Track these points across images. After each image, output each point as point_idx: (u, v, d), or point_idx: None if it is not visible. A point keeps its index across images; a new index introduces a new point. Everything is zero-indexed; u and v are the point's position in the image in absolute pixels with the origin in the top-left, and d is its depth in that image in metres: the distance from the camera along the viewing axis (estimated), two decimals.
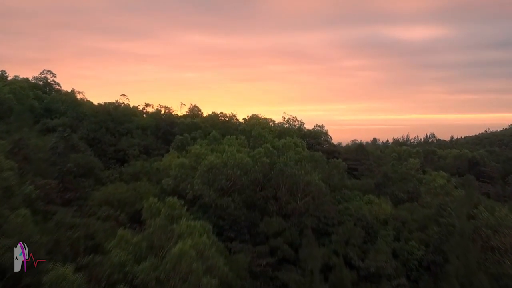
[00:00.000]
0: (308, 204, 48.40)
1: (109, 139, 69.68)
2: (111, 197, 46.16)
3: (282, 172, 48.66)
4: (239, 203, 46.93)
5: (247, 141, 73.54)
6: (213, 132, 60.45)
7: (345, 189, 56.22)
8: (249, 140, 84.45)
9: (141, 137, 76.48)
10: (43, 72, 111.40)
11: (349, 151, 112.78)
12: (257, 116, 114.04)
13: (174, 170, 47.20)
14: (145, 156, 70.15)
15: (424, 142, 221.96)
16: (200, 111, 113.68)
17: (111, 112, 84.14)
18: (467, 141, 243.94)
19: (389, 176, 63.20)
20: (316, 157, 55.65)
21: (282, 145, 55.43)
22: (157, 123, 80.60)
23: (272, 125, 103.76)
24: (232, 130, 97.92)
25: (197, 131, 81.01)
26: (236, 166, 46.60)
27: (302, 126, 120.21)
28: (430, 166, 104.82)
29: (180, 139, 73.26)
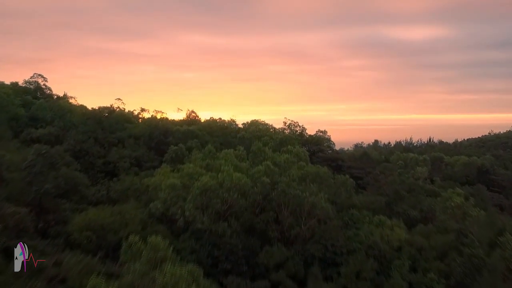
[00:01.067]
0: (313, 229, 43.12)
1: (98, 151, 64.33)
2: (93, 223, 40.89)
3: (284, 193, 43.38)
4: (236, 228, 41.67)
5: (246, 152, 68.53)
6: (208, 146, 55.10)
7: (353, 209, 50.84)
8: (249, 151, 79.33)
9: (133, 148, 71.13)
10: (33, 76, 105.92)
11: (353, 159, 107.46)
12: (256, 121, 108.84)
13: (164, 193, 41.87)
14: (136, 168, 64.83)
15: (427, 145, 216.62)
16: (198, 117, 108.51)
17: (102, 119, 78.80)
18: (471, 143, 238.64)
19: (400, 194, 57.77)
20: (321, 174, 50.27)
21: (284, 161, 50.01)
22: (151, 132, 75.21)
23: (272, 131, 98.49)
24: (231, 138, 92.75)
25: (193, 140, 75.63)
26: (233, 188, 41.30)
27: (303, 131, 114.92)
28: (438, 175, 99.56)
29: (174, 150, 67.94)
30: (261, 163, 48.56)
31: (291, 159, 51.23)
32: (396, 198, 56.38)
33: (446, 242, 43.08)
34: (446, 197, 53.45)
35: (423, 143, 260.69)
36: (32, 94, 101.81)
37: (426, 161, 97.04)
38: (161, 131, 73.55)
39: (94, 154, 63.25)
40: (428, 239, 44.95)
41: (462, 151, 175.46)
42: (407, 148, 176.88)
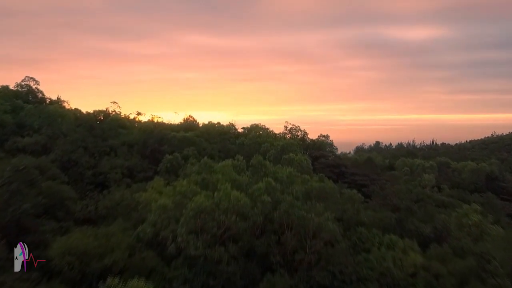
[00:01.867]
0: (319, 254, 38.81)
1: (87, 161, 59.98)
2: (75, 248, 36.54)
3: (287, 214, 39.07)
4: (234, 253, 37.37)
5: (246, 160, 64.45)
6: (204, 159, 50.71)
7: (361, 227, 46.48)
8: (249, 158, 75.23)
9: (126, 156, 66.87)
10: (25, 79, 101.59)
11: (356, 164, 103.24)
12: (257, 126, 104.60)
13: (154, 215, 37.55)
14: (128, 180, 60.55)
15: (430, 148, 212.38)
16: (196, 121, 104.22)
17: (95, 126, 74.49)
18: (473, 145, 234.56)
19: (412, 210, 53.47)
20: (326, 189, 45.97)
21: (287, 176, 45.66)
22: (145, 140, 70.88)
23: (272, 134, 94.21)
24: (230, 144, 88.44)
25: (190, 148, 71.32)
26: (231, 209, 36.97)
27: (305, 136, 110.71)
28: (445, 182, 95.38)
29: (169, 160, 63.77)
30: (261, 178, 44.20)
31: (294, 173, 46.82)
32: (407, 214, 51.98)
33: (466, 268, 38.76)
34: (462, 214, 49.05)
35: (425, 145, 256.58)
36: (23, 98, 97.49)
37: (432, 168, 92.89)
38: (156, 139, 69.22)
39: (83, 165, 58.95)
40: (445, 264, 40.61)
41: (466, 155, 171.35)
42: (410, 151, 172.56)
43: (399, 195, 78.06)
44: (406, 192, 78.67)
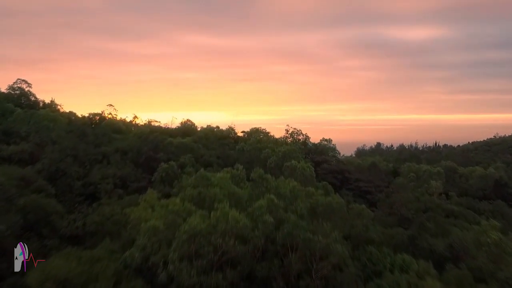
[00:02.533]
0: (327, 279, 34.87)
1: (77, 171, 55.96)
2: (56, 275, 32.58)
3: (291, 235, 35.11)
4: (232, 279, 33.43)
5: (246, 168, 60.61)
6: (201, 172, 46.68)
7: (371, 246, 42.52)
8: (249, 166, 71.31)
9: (119, 165, 62.91)
10: (17, 81, 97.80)
11: (360, 170, 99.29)
12: (257, 129, 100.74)
13: (143, 238, 33.58)
14: (121, 191, 56.58)
15: (433, 150, 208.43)
16: (194, 125, 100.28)
17: (87, 132, 70.50)
18: (476, 147, 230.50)
19: (426, 227, 49.51)
20: (333, 205, 41.99)
21: (290, 191, 41.67)
22: (140, 147, 66.91)
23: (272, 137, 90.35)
24: (229, 150, 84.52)
25: (187, 155, 67.34)
26: (229, 231, 33.00)
27: (307, 140, 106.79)
28: (453, 189, 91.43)
29: (164, 169, 59.83)
30: (263, 194, 40.22)
31: (298, 187, 42.81)
32: (420, 229, 48.03)
33: None
34: (480, 231, 45.01)
35: (427, 146, 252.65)
36: (15, 101, 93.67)
37: (440, 174, 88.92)
38: (151, 146, 65.20)
39: (72, 175, 54.94)
40: None
41: (470, 157, 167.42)
42: (413, 154, 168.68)
43: (407, 205, 74.19)
44: (413, 201, 74.86)
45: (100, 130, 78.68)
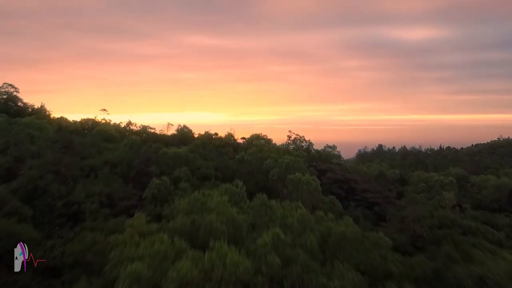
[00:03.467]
0: None
1: (58, 189, 49.83)
2: None
3: (301, 280, 29.10)
4: None
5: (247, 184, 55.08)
6: (195, 194, 40.57)
7: (390, 281, 36.47)
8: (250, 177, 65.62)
9: (107, 180, 56.83)
10: (3, 85, 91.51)
11: (367, 179, 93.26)
12: (258, 136, 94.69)
13: (123, 285, 27.48)
14: (108, 210, 50.50)
15: (438, 154, 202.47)
16: (191, 132, 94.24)
17: (74, 142, 64.39)
18: (480, 149, 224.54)
19: (453, 257, 43.48)
20: (348, 234, 36.02)
21: (298, 220, 35.58)
22: (130, 159, 60.82)
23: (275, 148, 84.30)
24: (228, 159, 78.51)
25: (182, 168, 61.28)
26: (227, 278, 26.96)
27: (310, 146, 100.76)
28: (466, 200, 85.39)
29: (156, 185, 53.80)
30: (266, 223, 34.22)
31: (307, 216, 36.73)
32: (447, 262, 42.00)
33: None
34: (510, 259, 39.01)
35: (430, 149, 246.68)
36: (1, 107, 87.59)
37: (452, 184, 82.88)
38: (143, 158, 59.08)
39: (53, 193, 48.86)
40: None
41: (477, 161, 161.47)
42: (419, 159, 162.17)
43: (420, 220, 68.38)
44: (427, 216, 68.92)
45: (89, 140, 72.61)
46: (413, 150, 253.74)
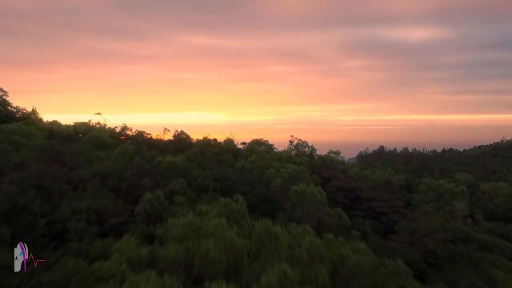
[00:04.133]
0: None
1: (41, 206, 45.14)
2: None
3: None
4: None
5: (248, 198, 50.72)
6: (189, 217, 35.84)
7: None
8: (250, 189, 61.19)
9: (96, 194, 52.17)
10: None
11: (372, 186, 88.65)
12: (258, 141, 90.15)
13: None
14: (95, 228, 45.80)
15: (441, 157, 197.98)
16: (188, 138, 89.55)
17: (61, 152, 59.72)
18: (483, 151, 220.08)
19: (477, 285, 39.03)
20: (363, 265, 31.47)
21: (307, 249, 30.96)
22: (122, 170, 56.12)
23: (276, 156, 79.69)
24: (227, 167, 73.89)
25: (178, 180, 56.63)
26: None
27: (313, 152, 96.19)
28: (477, 210, 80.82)
29: (149, 200, 49.19)
30: (271, 254, 29.62)
31: (316, 244, 32.09)
32: None
33: None
34: None
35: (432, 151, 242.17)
36: None
37: (464, 193, 78.30)
38: (135, 170, 54.38)
39: (35, 211, 44.19)
40: None
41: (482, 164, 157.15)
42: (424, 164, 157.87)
43: (432, 234, 63.93)
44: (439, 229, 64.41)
45: (80, 147, 67.92)
46: (415, 152, 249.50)
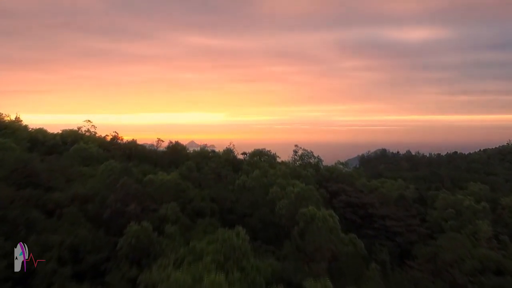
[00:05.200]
0: None
1: (2, 244, 37.04)
2: None
3: None
4: None
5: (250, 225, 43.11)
6: (177, 278, 27.74)
7: None
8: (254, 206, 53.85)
9: (73, 223, 44.07)
10: None
11: (385, 201, 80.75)
12: (260, 152, 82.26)
13: None
14: (69, 269, 37.78)
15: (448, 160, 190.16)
16: (184, 149, 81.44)
17: (38, 171, 51.66)
18: (488, 155, 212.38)
19: None
20: None
21: None
22: (105, 194, 47.94)
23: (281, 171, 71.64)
24: (228, 184, 65.83)
25: (170, 204, 48.53)
26: None
27: (319, 163, 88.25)
28: (501, 229, 72.91)
29: (134, 232, 41.12)
30: None
31: None
32: None
33: None
34: None
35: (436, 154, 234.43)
36: None
37: (486, 211, 70.49)
38: (120, 195, 46.18)
39: None
40: None
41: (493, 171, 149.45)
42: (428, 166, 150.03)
43: (458, 263, 56.17)
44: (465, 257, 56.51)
45: (61, 163, 59.78)
46: (418, 155, 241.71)
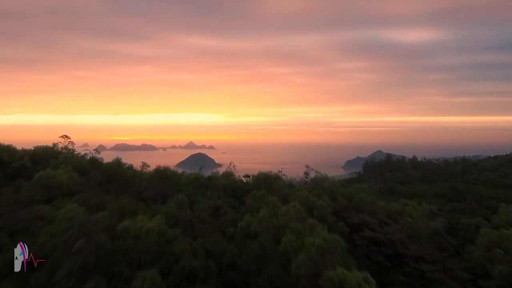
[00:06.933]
0: None
1: None
2: None
3: None
4: None
5: None
6: None
7: None
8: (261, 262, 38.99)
9: None
10: None
11: (416, 239, 66.68)
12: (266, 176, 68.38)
13: None
14: None
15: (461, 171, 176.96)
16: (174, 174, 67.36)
17: None
18: (500, 162, 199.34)
19: None
20: None
21: None
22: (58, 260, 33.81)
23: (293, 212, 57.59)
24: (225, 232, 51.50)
25: (148, 271, 34.46)
26: None
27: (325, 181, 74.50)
28: None
29: None
30: None
31: None
32: None
33: None
34: None
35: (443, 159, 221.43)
36: None
37: None
38: (77, 263, 32.16)
39: None
40: None
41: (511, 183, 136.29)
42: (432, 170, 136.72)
43: None
44: None
45: (16, 197, 45.65)
46: (424, 161, 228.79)
